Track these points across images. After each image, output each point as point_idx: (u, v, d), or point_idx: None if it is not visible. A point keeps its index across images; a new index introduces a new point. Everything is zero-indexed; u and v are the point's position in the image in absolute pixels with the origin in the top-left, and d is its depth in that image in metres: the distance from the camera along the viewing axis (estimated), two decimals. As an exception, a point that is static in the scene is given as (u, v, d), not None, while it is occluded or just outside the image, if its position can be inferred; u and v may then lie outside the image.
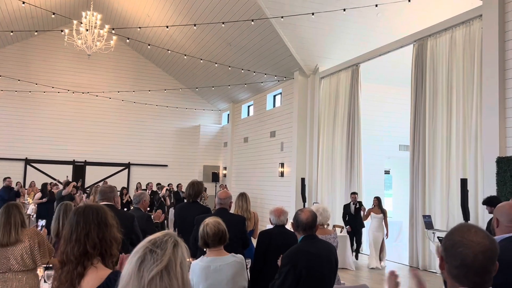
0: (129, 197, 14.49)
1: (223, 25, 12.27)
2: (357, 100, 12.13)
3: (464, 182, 7.89)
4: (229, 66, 14.84)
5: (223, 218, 3.62)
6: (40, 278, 4.28)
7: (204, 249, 3.44)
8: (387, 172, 16.60)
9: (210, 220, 3.40)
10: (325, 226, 5.04)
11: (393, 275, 1.89)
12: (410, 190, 9.98)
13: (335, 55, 12.91)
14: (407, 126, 13.98)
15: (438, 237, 8.35)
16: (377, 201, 10.18)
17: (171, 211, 15.14)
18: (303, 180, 12.94)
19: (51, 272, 4.18)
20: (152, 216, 5.70)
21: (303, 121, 13.67)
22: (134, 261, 1.39)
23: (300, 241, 3.43)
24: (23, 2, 11.01)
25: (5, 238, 3.84)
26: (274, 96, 16.42)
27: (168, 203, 12.77)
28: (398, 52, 11.36)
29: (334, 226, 10.01)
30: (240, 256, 3.46)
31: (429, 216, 9.03)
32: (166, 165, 19.28)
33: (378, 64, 12.50)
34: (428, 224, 8.81)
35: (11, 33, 14.86)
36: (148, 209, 12.49)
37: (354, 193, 10.62)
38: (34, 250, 4.00)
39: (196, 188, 5.21)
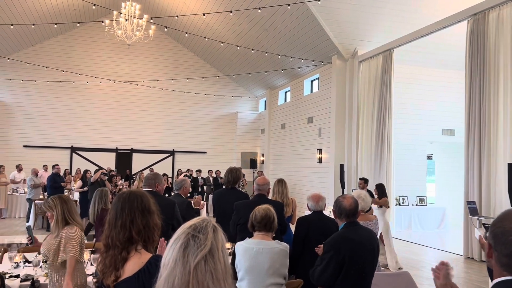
0: (170, 183, 14.85)
1: (259, 10, 12.20)
2: (390, 84, 11.83)
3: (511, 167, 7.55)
4: (266, 52, 14.77)
5: (262, 204, 3.65)
6: (86, 261, 4.47)
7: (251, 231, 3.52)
8: (429, 158, 16.16)
9: (262, 206, 3.52)
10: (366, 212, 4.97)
11: (444, 266, 1.82)
12: (465, 176, 9.40)
13: (375, 38, 12.57)
14: (451, 110, 13.59)
15: (483, 224, 8.07)
16: (376, 190, 8.90)
17: (211, 196, 15.41)
18: (341, 166, 12.78)
19: (97, 255, 4.36)
20: (192, 202, 5.80)
21: (342, 106, 13.46)
22: (178, 247, 1.41)
23: (342, 228, 3.40)
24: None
25: None
26: (312, 82, 16.23)
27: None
28: (441, 33, 10.92)
29: (373, 212, 9.84)
30: (285, 244, 3.50)
31: (474, 202, 8.72)
32: (205, 152, 19.55)
33: (420, 46, 12.09)
34: (473, 211, 8.52)
35: (55, 26, 15.39)
36: (188, 195, 12.73)
37: (362, 179, 9.29)
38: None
39: (234, 174, 5.24)
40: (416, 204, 13.16)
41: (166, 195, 11.33)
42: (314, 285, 3.67)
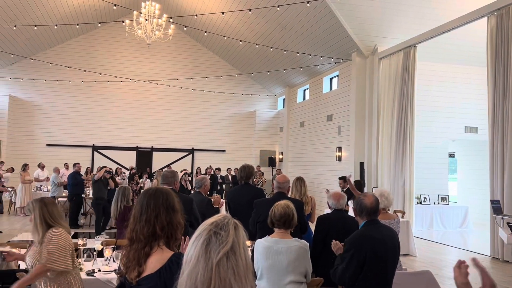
0: (190, 181, 14.95)
1: (278, 8, 12.17)
2: (413, 81, 11.66)
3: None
4: (285, 50, 14.73)
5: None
6: (108, 258, 4.54)
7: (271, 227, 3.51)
8: (451, 155, 15.89)
9: (281, 202, 3.48)
10: (387, 211, 4.92)
11: (463, 265, 1.79)
12: (490, 174, 9.19)
13: (395, 35, 12.41)
14: (474, 107, 13.33)
15: (508, 223, 7.90)
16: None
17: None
18: (361, 164, 12.68)
19: (119, 252, 4.43)
20: (212, 200, 5.84)
21: (362, 103, 13.33)
22: (200, 244, 1.42)
23: (362, 226, 3.37)
24: (87, -4, 11.51)
25: None
26: (331, 79, 16.12)
27: (189, 187, 12.59)
28: (464, 29, 10.71)
29: (394, 211, 9.75)
30: (304, 242, 3.47)
31: (498, 201, 8.54)
32: (224, 150, 19.63)
33: (442, 42, 11.89)
34: (496, 209, 8.34)
35: (77, 26, 15.65)
36: (208, 192, 12.81)
37: (341, 178, 9.24)
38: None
39: (246, 170, 5.27)
40: (438, 203, 12.96)
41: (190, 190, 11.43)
42: (335, 284, 3.66)
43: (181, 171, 14.05)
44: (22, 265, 4.20)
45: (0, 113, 17.01)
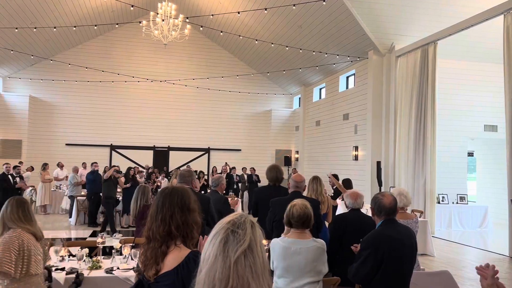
0: (205, 180, 15.04)
1: (294, 7, 12.15)
2: (433, 79, 11.48)
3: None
4: (300, 49, 14.69)
5: (298, 201, 3.64)
6: (127, 256, 4.61)
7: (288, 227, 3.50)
8: (470, 154, 15.64)
9: (298, 202, 3.43)
10: (405, 210, 4.88)
11: (489, 268, 1.76)
12: (508, 173, 9.03)
13: (412, 32, 12.27)
14: (494, 105, 13.09)
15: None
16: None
17: (246, 194, 15.50)
18: (378, 163, 12.57)
19: (137, 250, 4.49)
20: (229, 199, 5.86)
21: (379, 102, 13.22)
22: (218, 242, 1.44)
23: (380, 225, 3.35)
24: (105, -3, 11.66)
25: None
26: (347, 78, 16.02)
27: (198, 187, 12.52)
28: (482, 26, 10.54)
29: (412, 211, 9.65)
30: (321, 241, 3.46)
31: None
32: (240, 150, 19.68)
33: (459, 39, 11.72)
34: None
35: (95, 27, 15.86)
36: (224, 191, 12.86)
37: (334, 175, 9.02)
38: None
39: (274, 172, 5.23)
40: (457, 203, 12.78)
41: (203, 192, 11.50)
42: (352, 283, 3.65)
43: (224, 167, 14.13)
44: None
45: (21, 113, 17.36)
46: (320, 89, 18.26)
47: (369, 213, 3.85)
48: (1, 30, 13.15)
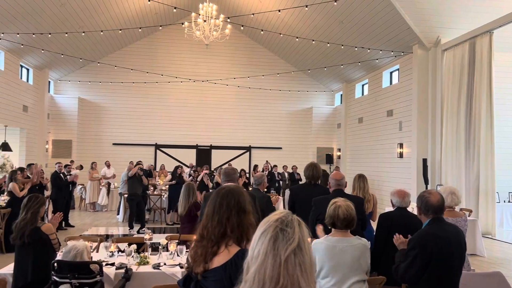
0: (246, 178, 15.13)
1: (335, 3, 11.99)
2: (489, 71, 10.97)
3: None
4: (342, 45, 14.49)
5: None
6: (173, 252, 4.72)
7: (329, 228, 3.46)
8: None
9: (343, 203, 3.38)
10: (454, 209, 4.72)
11: None
12: None
13: (460, 25, 11.81)
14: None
15: None
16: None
17: (287, 192, 15.47)
18: (424, 161, 12.21)
19: (183, 247, 4.59)
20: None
21: (424, 97, 12.82)
22: (267, 240, 1.44)
23: (427, 224, 3.27)
24: (149, 0, 11.97)
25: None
26: (391, 73, 15.65)
27: (210, 185, 12.44)
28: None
29: (461, 209, 9.31)
30: (364, 239, 3.42)
31: None
32: (281, 148, 19.66)
33: (503, 30, 11.13)
34: None
35: (140, 30, 16.32)
36: (266, 190, 12.90)
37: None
38: None
39: (312, 170, 5.19)
40: (509, 201, 12.21)
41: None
42: (397, 282, 3.57)
43: (203, 168, 14.14)
44: (95, 257, 4.47)
45: (71, 115, 18.13)
46: (363, 85, 17.94)
47: (415, 212, 3.75)
48: (53, 36, 13.78)
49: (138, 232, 10.47)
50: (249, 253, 1.49)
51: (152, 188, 13.37)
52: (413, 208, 6.87)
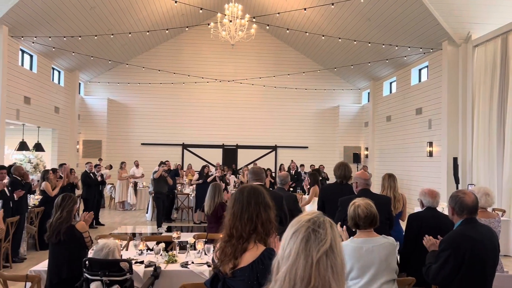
0: (272, 177, 15.14)
1: (361, 0, 11.85)
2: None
3: None
4: (369, 43, 14.30)
5: (369, 198, 3.55)
6: (200, 251, 4.76)
7: (353, 230, 3.41)
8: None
9: (361, 202, 3.33)
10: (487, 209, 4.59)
11: None
12: None
13: (491, 19, 11.46)
14: None
15: None
16: (309, 178, 8.24)
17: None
18: (455, 160, 11.92)
19: (210, 246, 4.62)
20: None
21: (454, 95, 12.52)
22: (299, 241, 1.44)
23: (459, 225, 3.19)
24: (176, 1, 12.12)
25: None
26: (420, 70, 15.34)
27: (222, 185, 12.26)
28: None
29: (493, 210, 9.05)
30: (391, 238, 3.37)
31: None
32: (307, 147, 19.57)
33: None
34: None
35: (167, 31, 16.54)
36: (292, 189, 12.86)
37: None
38: None
39: (342, 169, 5.15)
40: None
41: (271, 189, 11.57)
42: (428, 284, 3.51)
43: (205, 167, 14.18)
44: (125, 255, 4.56)
45: (101, 115, 18.54)
46: (391, 83, 17.65)
47: (445, 212, 3.67)
48: (83, 39, 14.12)
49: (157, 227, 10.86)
50: (280, 252, 1.49)
51: (179, 187, 13.54)
52: (443, 208, 6.72)
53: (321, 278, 1.37)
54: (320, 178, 15.37)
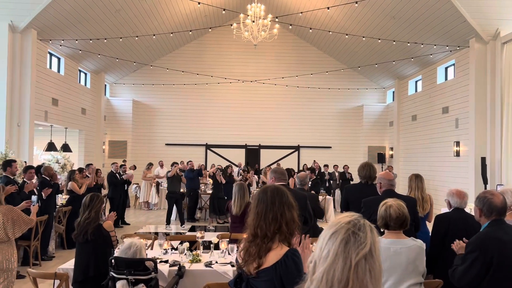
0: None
1: (385, -2, 11.68)
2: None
3: None
4: (394, 41, 14.08)
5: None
6: (224, 251, 4.76)
7: (382, 230, 3.37)
8: None
9: (393, 202, 3.29)
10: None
11: None
12: None
13: (521, 15, 11.14)
14: None
15: None
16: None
17: (337, 192, 15.26)
18: (483, 159, 11.62)
19: (234, 245, 4.63)
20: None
21: (482, 93, 12.21)
22: (338, 242, 1.42)
23: (487, 226, 3.10)
24: (199, 3, 12.21)
25: None
26: (446, 68, 15.02)
27: (223, 181, 12.23)
28: None
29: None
30: (420, 241, 3.31)
31: None
32: (330, 147, 19.42)
33: None
34: None
35: (190, 32, 16.68)
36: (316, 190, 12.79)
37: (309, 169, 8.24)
38: (6, 224, 4.96)
39: (367, 169, 5.08)
40: None
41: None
42: (455, 286, 3.43)
43: (211, 166, 14.22)
44: (150, 255, 4.62)
45: (126, 116, 18.85)
46: (416, 81, 17.35)
47: (473, 213, 3.58)
48: (108, 41, 14.38)
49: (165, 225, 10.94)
50: (317, 252, 1.47)
51: (203, 186, 13.62)
52: (470, 209, 6.56)
53: (359, 281, 1.35)
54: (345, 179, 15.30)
